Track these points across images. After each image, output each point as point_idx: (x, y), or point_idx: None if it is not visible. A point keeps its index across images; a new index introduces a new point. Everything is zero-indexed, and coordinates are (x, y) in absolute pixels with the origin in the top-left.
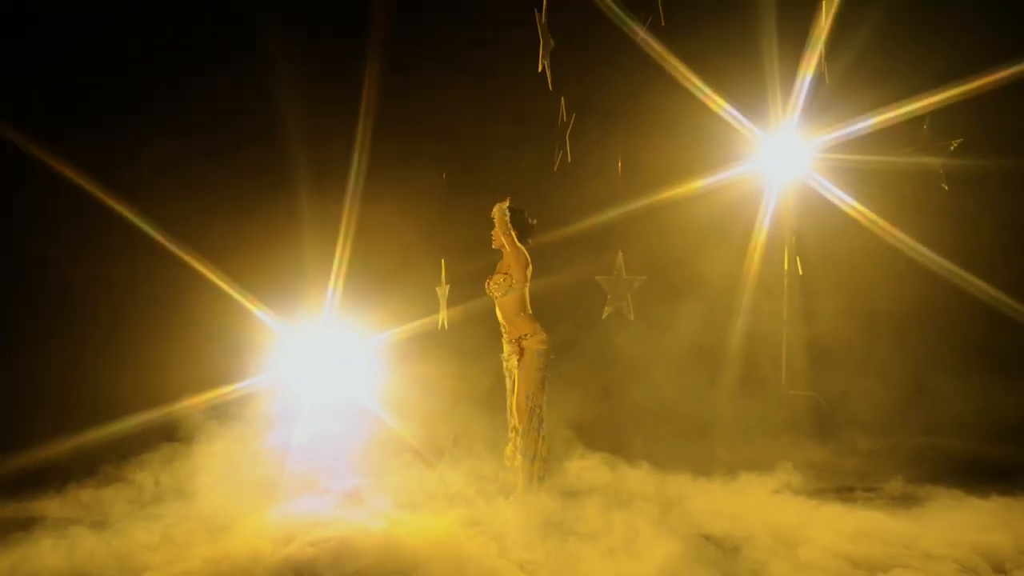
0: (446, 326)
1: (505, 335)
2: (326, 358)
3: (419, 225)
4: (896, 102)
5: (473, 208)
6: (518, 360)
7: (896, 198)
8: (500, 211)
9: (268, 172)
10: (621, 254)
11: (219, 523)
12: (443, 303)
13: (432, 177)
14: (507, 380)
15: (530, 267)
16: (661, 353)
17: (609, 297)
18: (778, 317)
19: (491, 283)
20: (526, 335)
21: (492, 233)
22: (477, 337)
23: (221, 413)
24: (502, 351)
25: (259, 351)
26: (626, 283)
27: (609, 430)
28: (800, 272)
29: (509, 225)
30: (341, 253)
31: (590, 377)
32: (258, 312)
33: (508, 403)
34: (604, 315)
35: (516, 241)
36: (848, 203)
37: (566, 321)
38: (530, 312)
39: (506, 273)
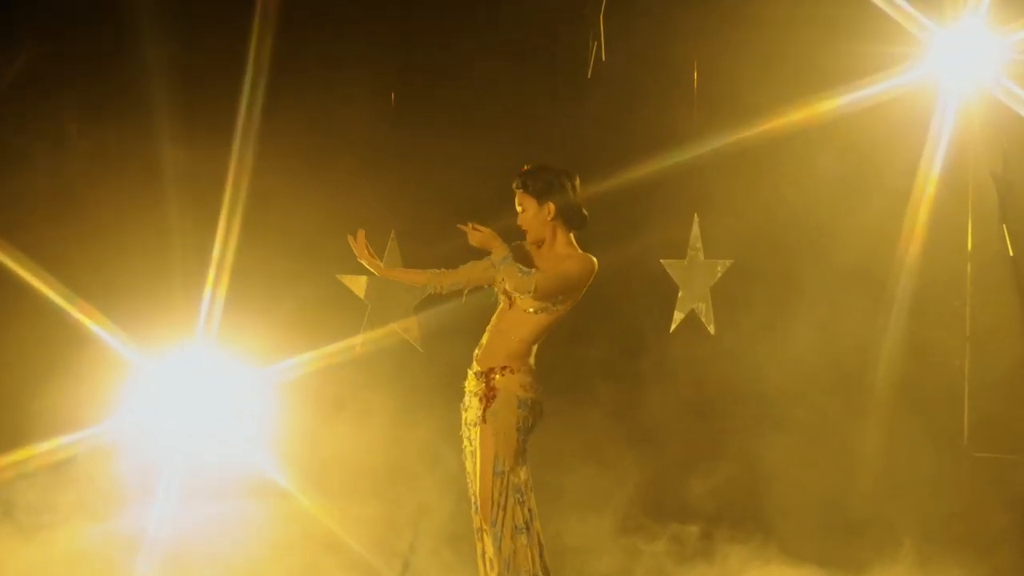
0: (420, 347)
1: (477, 361)
2: (202, 399)
3: (345, 198)
4: None
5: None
6: (483, 408)
7: None
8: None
9: (114, 145)
10: (698, 220)
11: None
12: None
13: (374, 104)
14: (467, 448)
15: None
16: (765, 388)
17: (680, 294)
18: (957, 328)
19: (511, 277)
20: (504, 368)
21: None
22: (436, 364)
23: (47, 478)
24: (464, 395)
25: (105, 388)
26: (705, 270)
27: (684, 503)
28: (1010, 251)
29: (553, 209)
30: (223, 247)
31: (648, 426)
32: (104, 334)
33: (470, 485)
34: (673, 326)
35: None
36: None
37: (605, 335)
38: (534, 340)
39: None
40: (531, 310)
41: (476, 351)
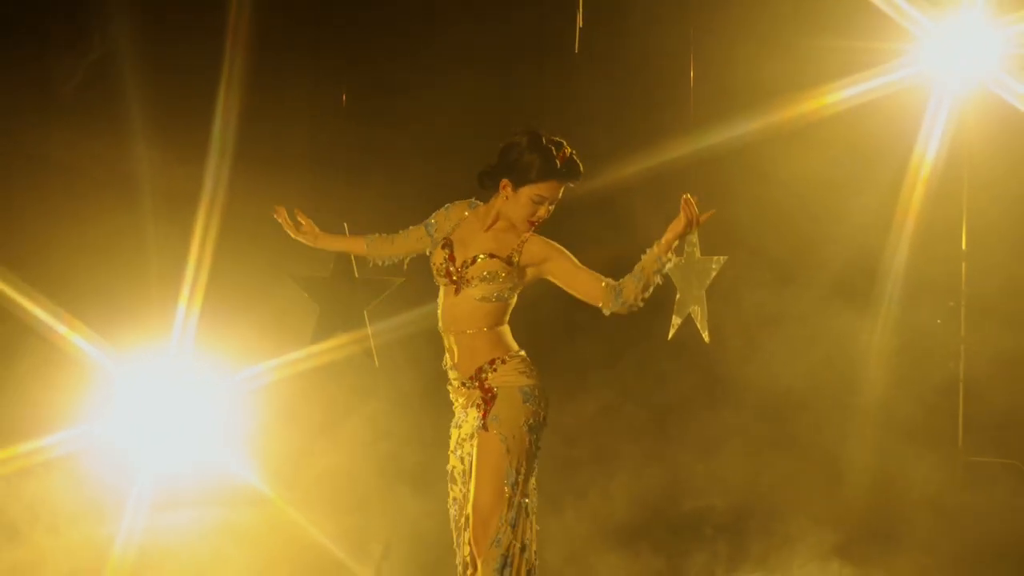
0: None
1: (456, 371)
2: (176, 404)
3: (322, 198)
4: None
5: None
6: (483, 414)
7: None
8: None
9: (92, 143)
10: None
11: None
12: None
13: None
14: (456, 469)
15: None
16: (752, 389)
17: (678, 297)
18: (951, 329)
19: (474, 263)
20: (493, 362)
21: (543, 213)
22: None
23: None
24: (454, 407)
25: (77, 393)
26: (701, 269)
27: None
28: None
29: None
30: (201, 243)
31: (637, 433)
32: (75, 338)
33: (457, 512)
34: (671, 332)
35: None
36: None
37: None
38: (502, 322)
39: (511, 263)
40: (483, 297)
41: (447, 363)
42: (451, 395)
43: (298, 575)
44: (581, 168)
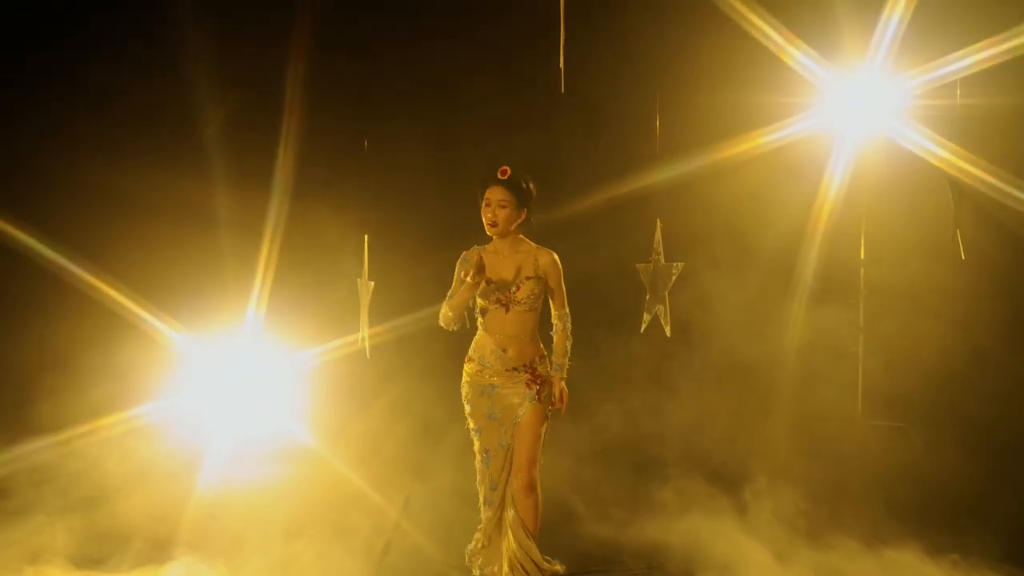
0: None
1: (505, 362)
2: (246, 381)
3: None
4: None
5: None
6: (537, 391)
7: None
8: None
9: (173, 157)
10: (660, 226)
11: None
12: (364, 310)
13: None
14: (497, 429)
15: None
16: (693, 363)
17: (648, 297)
18: (852, 320)
19: (519, 289)
20: (542, 358)
21: (491, 214)
22: (438, 352)
23: (109, 447)
24: (490, 389)
25: (159, 372)
26: (664, 273)
27: (621, 476)
28: (962, 255)
29: (524, 216)
30: (267, 256)
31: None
32: (158, 323)
33: (499, 465)
34: (643, 327)
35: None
36: (955, 165)
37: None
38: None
39: (538, 277)
40: (528, 309)
41: (499, 355)
42: (486, 377)
43: (342, 515)
44: (488, 175)
